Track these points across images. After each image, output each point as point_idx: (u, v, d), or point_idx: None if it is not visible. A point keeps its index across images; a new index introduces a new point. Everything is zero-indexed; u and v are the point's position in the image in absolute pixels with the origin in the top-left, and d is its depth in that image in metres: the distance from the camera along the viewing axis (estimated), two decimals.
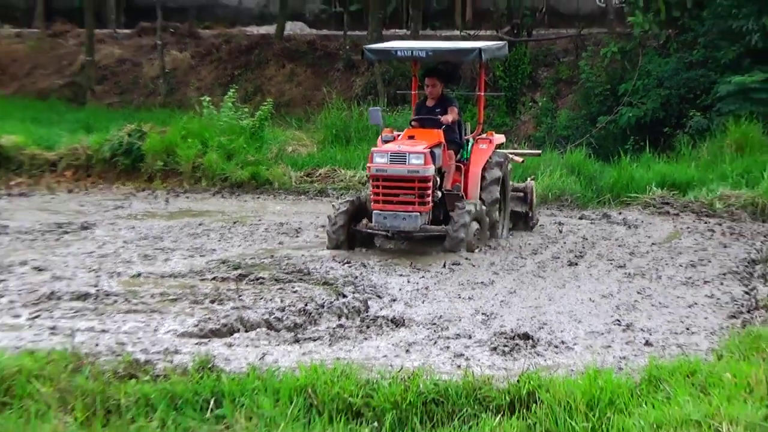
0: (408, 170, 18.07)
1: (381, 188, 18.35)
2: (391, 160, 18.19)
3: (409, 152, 18.12)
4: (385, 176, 18.26)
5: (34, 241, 19.81)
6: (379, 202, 18.36)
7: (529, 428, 9.77)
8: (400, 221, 18.18)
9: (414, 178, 18.07)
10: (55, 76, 43.83)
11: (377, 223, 18.44)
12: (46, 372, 10.92)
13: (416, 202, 18.14)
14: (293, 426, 9.76)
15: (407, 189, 18.17)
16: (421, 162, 17.96)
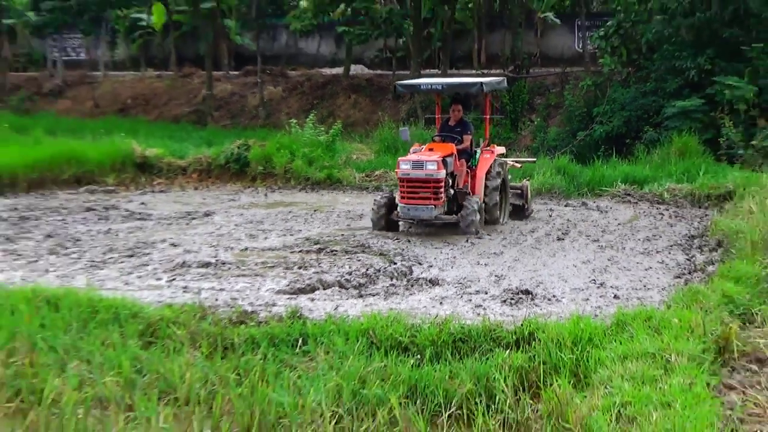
0: (425, 174, 18.07)
1: (405, 187, 18.32)
2: (413, 166, 18.18)
3: (426, 160, 18.15)
4: (408, 178, 18.23)
5: (170, 225, 19.85)
6: (404, 198, 18.33)
7: (530, 359, 9.73)
8: (420, 212, 18.20)
9: (430, 179, 18.08)
10: (184, 106, 43.95)
11: (403, 214, 18.46)
12: (180, 319, 10.95)
13: (432, 198, 18.10)
14: (359, 358, 9.74)
15: (425, 188, 18.15)
16: (434, 167, 17.99)
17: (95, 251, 16.66)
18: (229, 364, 9.71)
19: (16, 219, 20.23)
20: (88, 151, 27.22)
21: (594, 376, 9.02)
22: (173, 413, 8.56)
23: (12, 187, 24.69)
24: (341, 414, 8.60)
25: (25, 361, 9.51)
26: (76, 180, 26.04)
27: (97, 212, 21.40)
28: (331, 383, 9.03)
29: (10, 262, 15.70)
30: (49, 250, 16.77)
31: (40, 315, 10.99)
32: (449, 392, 9.13)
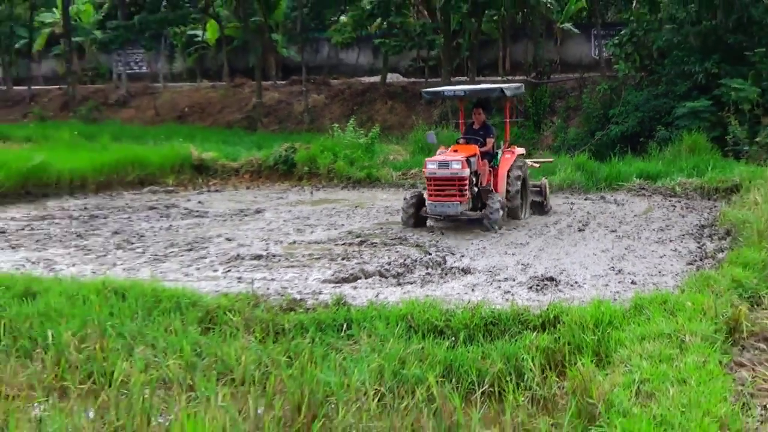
0: (450, 172, 17.84)
1: (433, 186, 18.04)
2: (439, 166, 17.93)
3: (451, 160, 17.92)
4: (435, 177, 17.98)
5: (225, 221, 19.89)
6: (432, 196, 18.05)
7: (555, 340, 9.66)
8: (446, 208, 17.94)
9: (455, 178, 17.84)
10: (236, 113, 44.06)
11: (430, 210, 18.16)
12: (236, 307, 10.95)
13: (457, 195, 17.84)
14: (399, 341, 9.71)
15: (450, 186, 17.90)
16: (459, 167, 17.78)
17: (158, 246, 16.72)
18: (280, 348, 9.71)
19: (86, 218, 20.34)
20: (150, 155, 27.37)
21: (614, 355, 8.94)
22: (230, 393, 8.57)
23: (82, 188, 24.85)
24: (383, 392, 8.57)
25: (96, 346, 9.54)
26: (140, 181, 26.18)
27: (159, 210, 21.48)
28: (374, 364, 9.01)
29: (82, 256, 15.79)
30: (116, 245, 16.85)
31: (109, 304, 11.04)
32: (482, 371, 9.08)
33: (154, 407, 8.18)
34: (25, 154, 25.43)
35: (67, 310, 10.74)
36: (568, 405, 8.08)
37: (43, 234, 18.09)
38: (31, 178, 23.82)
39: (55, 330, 9.98)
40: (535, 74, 38.91)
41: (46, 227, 18.97)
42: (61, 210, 21.65)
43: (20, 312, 10.74)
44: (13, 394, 8.62)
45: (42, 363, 9.40)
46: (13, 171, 23.34)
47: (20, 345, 10.01)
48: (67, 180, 24.63)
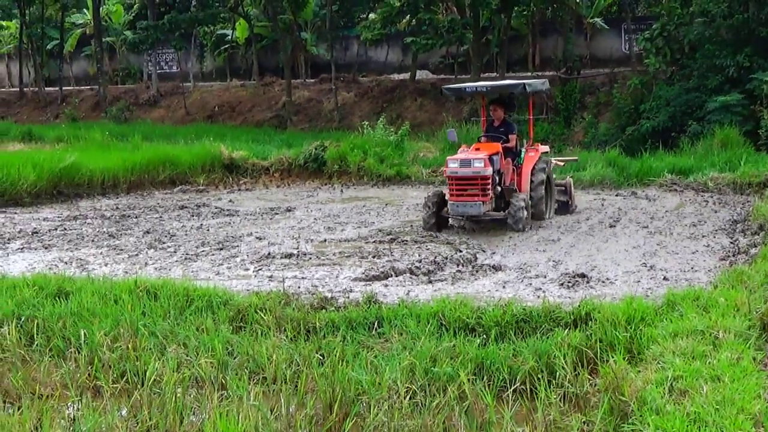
0: (473, 171, 17.23)
1: (454, 185, 17.46)
2: (461, 165, 17.34)
3: (473, 158, 17.36)
4: (457, 176, 17.39)
5: (256, 220, 19.95)
6: (453, 195, 17.48)
7: (587, 337, 9.61)
8: (468, 208, 17.31)
9: (477, 177, 17.23)
10: (266, 112, 44.22)
11: (452, 211, 17.63)
12: (267, 306, 10.97)
13: (480, 194, 17.23)
14: (430, 338, 9.70)
15: (473, 185, 17.29)
16: (481, 165, 17.20)
17: (189, 245, 16.78)
18: (311, 346, 9.72)
19: (118, 217, 20.46)
20: (181, 154, 27.50)
21: (647, 352, 8.89)
22: (262, 391, 8.59)
23: (114, 188, 25.02)
24: (415, 390, 8.57)
25: (129, 345, 9.59)
26: (171, 181, 26.33)
27: (190, 210, 21.58)
28: (405, 362, 9.00)
29: (114, 256, 15.88)
30: (147, 244, 16.93)
31: (141, 304, 11.09)
32: (513, 369, 9.06)
33: (187, 406, 8.21)
34: (57, 155, 25.60)
35: (100, 310, 10.81)
36: (600, 403, 8.04)
37: (75, 234, 18.21)
38: (64, 179, 24.00)
39: (88, 329, 10.04)
40: (565, 70, 38.80)
41: (79, 227, 19.09)
42: (93, 210, 21.79)
43: (53, 312, 10.81)
44: (47, 394, 8.68)
45: (75, 362, 9.46)
46: (45, 171, 23.51)
47: (54, 345, 10.08)
48: (98, 180, 24.80)
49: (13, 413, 7.89)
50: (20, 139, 37.60)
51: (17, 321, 10.58)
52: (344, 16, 48.90)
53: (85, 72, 55.98)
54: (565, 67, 38.97)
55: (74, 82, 54.30)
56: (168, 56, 52.82)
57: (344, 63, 48.42)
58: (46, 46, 54.12)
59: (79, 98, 50.33)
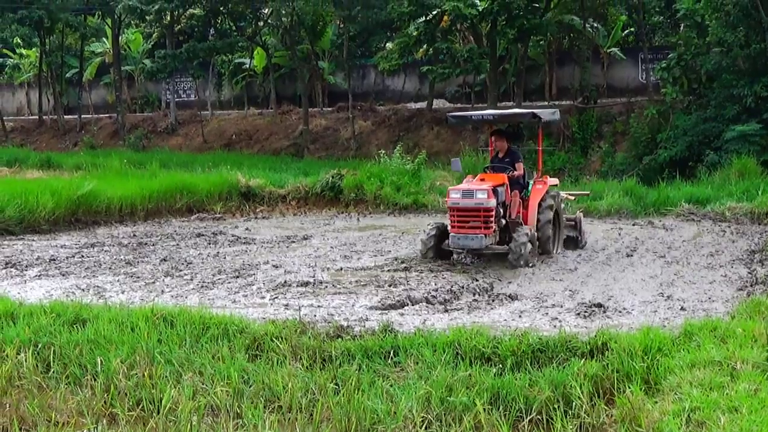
0: (475, 203, 16.73)
1: (456, 217, 16.98)
2: (463, 195, 16.87)
3: (476, 189, 16.86)
4: (459, 207, 16.90)
5: (272, 248, 19.98)
6: (455, 227, 17.00)
7: (604, 367, 9.56)
8: (469, 241, 16.79)
9: (480, 208, 16.73)
10: (283, 140, 44.36)
11: (453, 243, 17.07)
12: (283, 334, 10.96)
13: (482, 227, 16.74)
14: (446, 368, 9.68)
15: (475, 217, 16.79)
16: (485, 196, 16.69)
17: (205, 273, 16.81)
18: (327, 375, 9.70)
19: (135, 245, 20.51)
20: (198, 182, 27.60)
21: (664, 383, 8.85)
22: (278, 420, 8.58)
23: (131, 215, 25.11)
24: (430, 419, 8.55)
25: (145, 373, 9.60)
26: (188, 209, 26.41)
27: (207, 237, 21.62)
28: (421, 391, 8.99)
29: (131, 283, 15.90)
30: (164, 272, 16.96)
31: (158, 331, 11.10)
32: (529, 399, 9.02)
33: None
34: (75, 183, 25.72)
35: (117, 337, 10.82)
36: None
37: (92, 261, 18.26)
38: (82, 206, 24.09)
39: (105, 357, 10.05)
40: (581, 99, 38.86)
41: (96, 255, 19.15)
42: (111, 237, 21.85)
43: (70, 339, 10.83)
44: (63, 421, 8.69)
45: (91, 390, 9.47)
46: (63, 199, 23.60)
47: (70, 372, 10.09)
48: (116, 207, 24.90)
49: None
50: (39, 166, 37.81)
51: (34, 348, 10.60)
52: (361, 45, 49.15)
53: (103, 100, 56.31)
54: (582, 97, 39.04)
55: (93, 110, 54.63)
56: (186, 85, 53.11)
57: (361, 92, 48.61)
58: (65, 74, 54.49)
59: (98, 126, 50.62)
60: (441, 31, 39.58)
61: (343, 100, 46.02)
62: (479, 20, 38.65)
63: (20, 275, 16.82)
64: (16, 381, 9.71)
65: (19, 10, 47.03)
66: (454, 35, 43.08)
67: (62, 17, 47.48)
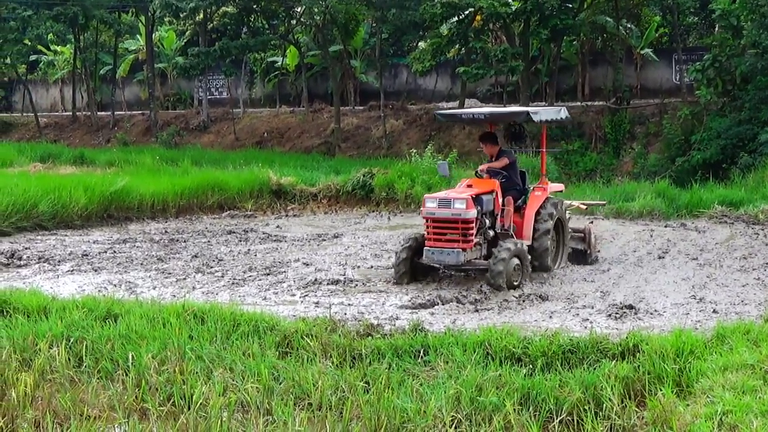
0: (452, 213, 14.95)
1: (432, 228, 15.26)
2: (439, 205, 15.14)
3: (454, 198, 15.13)
4: (434, 218, 15.18)
5: (303, 246, 20.01)
6: (431, 240, 15.24)
7: (635, 369, 9.52)
8: (444, 256, 15.01)
9: (457, 220, 14.97)
10: (315, 138, 44.40)
11: (426, 258, 15.29)
12: (313, 332, 10.99)
13: (460, 240, 14.98)
14: (476, 367, 9.68)
15: (453, 229, 15.04)
16: (463, 206, 14.90)
17: (236, 270, 16.87)
18: (357, 373, 9.72)
19: (167, 241, 20.61)
20: (230, 179, 27.68)
21: (696, 385, 8.82)
22: (308, 417, 8.60)
23: (163, 212, 25.21)
24: (460, 419, 8.54)
25: (176, 369, 9.65)
26: (219, 206, 26.48)
27: (238, 235, 21.69)
28: (451, 391, 8.99)
29: (162, 279, 16.00)
30: (195, 269, 17.04)
31: (189, 327, 11.16)
32: (560, 399, 8.99)
33: (232, 430, 8.24)
34: (108, 178, 25.89)
35: (148, 333, 10.89)
36: None
37: (124, 257, 18.37)
38: (114, 202, 24.22)
39: (136, 352, 10.12)
40: (614, 100, 38.66)
41: (128, 250, 19.26)
42: (143, 233, 21.97)
43: (102, 334, 10.91)
44: (95, 415, 8.74)
45: (123, 384, 9.53)
46: (96, 195, 23.74)
47: (102, 366, 10.16)
48: (148, 204, 25.01)
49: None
50: (72, 162, 38.01)
51: (66, 342, 10.68)
52: (394, 44, 49.13)
53: (136, 97, 56.58)
54: (615, 98, 38.84)
55: (126, 107, 54.88)
56: (218, 82, 53.29)
57: (393, 90, 48.60)
58: (99, 71, 54.78)
59: (131, 123, 50.88)
60: (473, 31, 39.49)
61: (375, 99, 46.02)
62: (512, 20, 38.56)
63: (53, 270, 16.96)
64: (49, 375, 9.78)
65: (54, 6, 47.33)
66: (486, 35, 42.97)
67: (97, 14, 47.71)
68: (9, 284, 14.99)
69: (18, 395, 8.83)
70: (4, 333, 11.04)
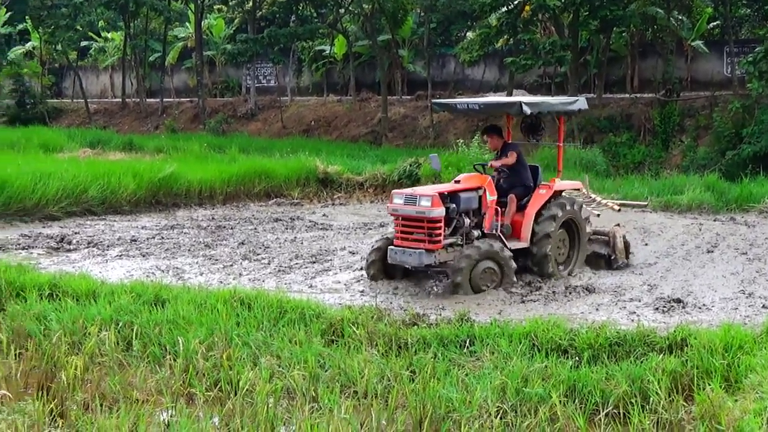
0: (416, 211, 14.01)
1: (400, 227, 14.43)
2: (405, 201, 14.24)
3: (420, 195, 14.18)
4: (400, 215, 14.35)
5: (349, 234, 20.04)
6: (398, 239, 14.44)
7: (683, 364, 9.47)
8: (406, 257, 14.12)
9: (423, 218, 14.02)
10: (362, 127, 44.40)
11: (390, 258, 14.41)
12: (360, 320, 11.03)
13: (427, 240, 14.05)
14: (521, 359, 9.67)
15: (418, 228, 14.12)
16: (428, 204, 13.91)
17: (283, 257, 16.94)
18: (402, 362, 9.75)
19: (214, 228, 20.73)
20: (277, 167, 27.77)
21: (745, 381, 8.75)
22: (353, 405, 8.63)
23: (210, 199, 25.35)
24: (505, 409, 8.53)
25: (223, 355, 9.72)
26: (266, 193, 26.58)
27: (284, 222, 21.76)
28: (496, 381, 8.99)
29: (209, 266, 16.10)
30: (242, 255, 17.13)
31: (236, 314, 11.24)
32: (606, 392, 8.97)
33: (278, 417, 8.29)
34: (156, 165, 26.07)
35: (195, 319, 10.98)
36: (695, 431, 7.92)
37: (172, 243, 18.51)
38: (162, 188, 24.40)
39: (184, 337, 10.20)
40: (664, 92, 38.28)
41: (176, 236, 19.40)
42: (190, 220, 22.12)
43: (150, 319, 11.01)
44: (143, 399, 8.84)
45: (170, 369, 9.62)
46: (145, 181, 23.94)
47: (150, 351, 10.26)
48: (196, 190, 25.17)
49: (110, 416, 8.05)
50: (121, 148, 38.33)
51: (115, 326, 10.80)
52: (442, 34, 48.97)
53: (185, 84, 56.87)
54: (665, 89, 38.46)
55: (174, 94, 55.19)
56: (266, 70, 53.42)
57: (441, 80, 48.44)
58: (148, 58, 55.14)
59: (179, 110, 51.18)
60: (522, 21, 39.27)
61: (423, 89, 45.93)
62: (561, 11, 38.31)
63: (102, 255, 17.13)
64: (98, 358, 9.90)
65: None
66: (535, 26, 42.72)
67: (147, 1, 48.04)
68: (59, 268, 15.18)
69: (68, 378, 8.94)
70: (54, 316, 11.20)
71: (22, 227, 20.15)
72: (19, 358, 10.02)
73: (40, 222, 20.92)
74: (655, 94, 38.68)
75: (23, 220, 20.84)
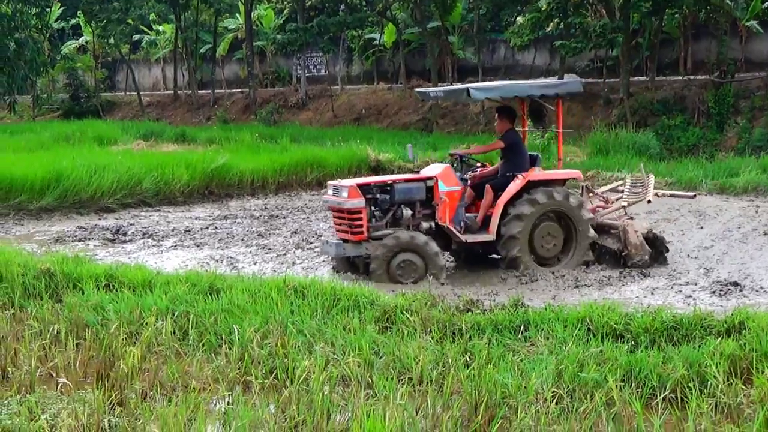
0: (338, 202, 14.18)
1: (334, 217, 14.75)
2: (333, 193, 14.45)
3: (340, 186, 14.33)
4: (329, 207, 14.86)
5: None
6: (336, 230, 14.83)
7: (740, 347, 9.35)
8: (327, 248, 14.45)
9: (342, 209, 14.15)
10: (412, 115, 44.36)
11: (320, 248, 14.97)
12: (413, 307, 11.03)
13: (349, 232, 14.16)
14: (577, 343, 9.62)
15: (342, 219, 14.28)
16: (345, 195, 14.01)
17: None
18: (457, 348, 9.74)
19: (267, 217, 20.85)
20: (328, 156, 27.86)
21: None
22: (408, 392, 8.63)
23: (263, 189, 25.51)
24: (561, 394, 8.50)
25: (278, 343, 9.76)
26: (318, 182, 26.65)
27: None
28: (552, 366, 8.95)
29: (263, 255, 16.21)
30: (295, 244, 17.22)
31: (290, 302, 11.29)
32: (663, 376, 8.88)
33: (334, 404, 8.31)
34: (209, 156, 26.27)
35: (250, 307, 11.04)
36: (755, 415, 7.83)
37: (226, 233, 18.65)
38: (215, 179, 24.61)
39: (239, 326, 10.27)
40: (718, 73, 37.83)
41: (229, 226, 19.54)
42: (243, 210, 22.26)
43: (206, 308, 11.09)
44: (200, 387, 8.91)
45: (226, 357, 9.69)
46: (198, 172, 24.15)
47: (206, 340, 10.34)
48: (248, 181, 25.34)
49: (168, 404, 8.13)
50: (174, 140, 38.65)
51: (171, 316, 10.90)
52: (491, 19, 48.76)
53: (236, 75, 57.17)
54: (719, 71, 38.00)
55: (225, 85, 55.52)
56: (316, 60, 53.54)
57: (491, 66, 48.23)
58: (199, 50, 55.52)
59: (230, 101, 51.47)
60: (573, 5, 38.99)
61: (473, 75, 45.75)
62: None
63: (157, 245, 17.31)
64: (155, 347, 9.99)
65: None
66: (586, 9, 42.38)
67: None
68: (115, 259, 15.35)
69: (126, 367, 9.04)
70: (112, 307, 11.32)
71: (79, 219, 20.41)
72: (78, 348, 10.13)
73: (95, 214, 21.19)
74: (709, 75, 38.23)
75: (79, 212, 21.13)
